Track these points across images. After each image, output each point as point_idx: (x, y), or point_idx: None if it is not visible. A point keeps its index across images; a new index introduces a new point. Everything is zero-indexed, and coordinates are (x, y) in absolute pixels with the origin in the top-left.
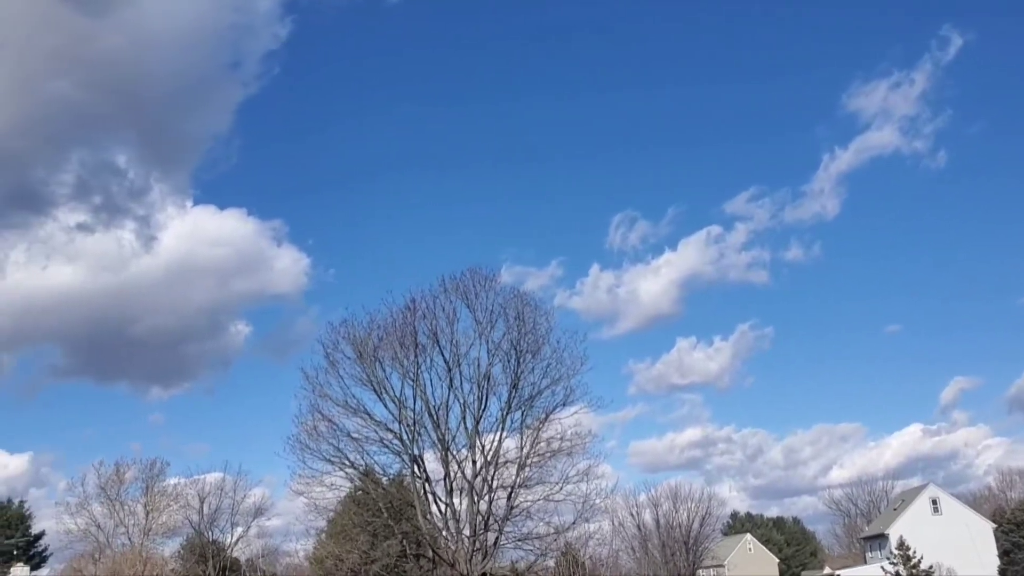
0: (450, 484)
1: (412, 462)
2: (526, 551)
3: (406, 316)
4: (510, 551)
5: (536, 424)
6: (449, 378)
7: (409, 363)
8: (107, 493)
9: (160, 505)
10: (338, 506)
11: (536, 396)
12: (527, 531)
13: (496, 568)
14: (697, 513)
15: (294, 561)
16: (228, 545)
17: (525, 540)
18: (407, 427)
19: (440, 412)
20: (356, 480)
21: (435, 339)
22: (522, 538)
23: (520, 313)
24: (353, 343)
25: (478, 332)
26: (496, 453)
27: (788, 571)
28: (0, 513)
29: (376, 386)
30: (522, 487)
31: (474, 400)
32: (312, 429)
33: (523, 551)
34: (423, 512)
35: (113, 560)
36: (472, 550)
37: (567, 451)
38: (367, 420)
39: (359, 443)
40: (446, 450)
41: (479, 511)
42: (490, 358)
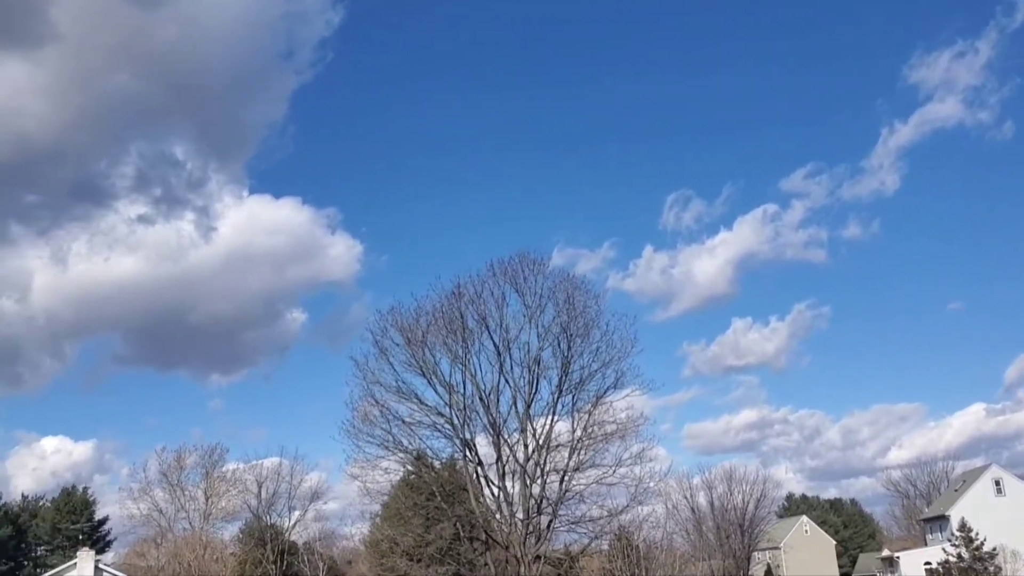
0: (502, 468)
1: (464, 446)
2: (580, 534)
3: (452, 302)
4: (564, 534)
5: (587, 408)
6: (499, 362)
7: (458, 348)
8: (168, 479)
9: (219, 490)
10: (392, 490)
11: (587, 379)
12: (580, 514)
13: (550, 551)
14: (752, 495)
15: (350, 544)
16: (286, 529)
17: (578, 523)
18: (458, 412)
19: (491, 396)
20: (409, 464)
21: (484, 324)
22: (575, 521)
23: (569, 296)
24: (401, 330)
25: (527, 316)
26: (548, 437)
27: (846, 553)
28: (66, 499)
29: (426, 371)
30: (575, 470)
31: (524, 384)
32: (365, 415)
33: (577, 534)
34: (476, 496)
35: (175, 544)
36: (526, 533)
37: (619, 434)
38: (418, 405)
39: (411, 428)
40: (498, 434)
41: (532, 494)
42: (540, 342)
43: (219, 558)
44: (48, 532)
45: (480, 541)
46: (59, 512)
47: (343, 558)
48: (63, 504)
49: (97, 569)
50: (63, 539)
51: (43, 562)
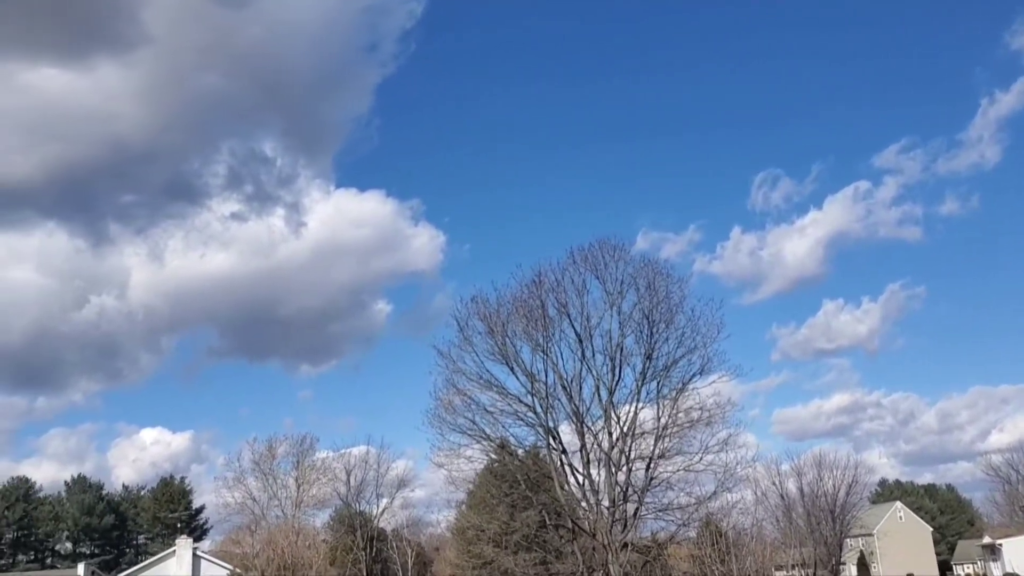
0: (587, 456)
1: (547, 434)
2: (667, 521)
3: (533, 290)
4: (651, 522)
5: (672, 394)
6: (581, 350)
7: (539, 336)
8: (261, 468)
9: (310, 478)
10: (476, 478)
11: (671, 366)
12: (667, 502)
13: (637, 539)
14: (843, 481)
15: (437, 531)
16: (374, 516)
17: (665, 511)
18: (540, 400)
19: (573, 384)
20: (492, 453)
21: (565, 312)
22: (662, 509)
23: (651, 282)
24: (483, 318)
25: (609, 303)
26: (632, 424)
27: (943, 540)
28: (164, 489)
29: (507, 360)
30: (660, 458)
31: (607, 372)
32: (448, 403)
33: (664, 521)
34: (560, 483)
35: (268, 532)
36: (612, 521)
37: (706, 421)
38: (500, 394)
39: (494, 416)
40: (581, 422)
41: (617, 482)
42: (622, 329)
43: (311, 545)
44: (148, 521)
45: (566, 529)
46: (158, 501)
47: (430, 545)
48: (162, 494)
49: (195, 556)
50: (162, 527)
51: (144, 550)
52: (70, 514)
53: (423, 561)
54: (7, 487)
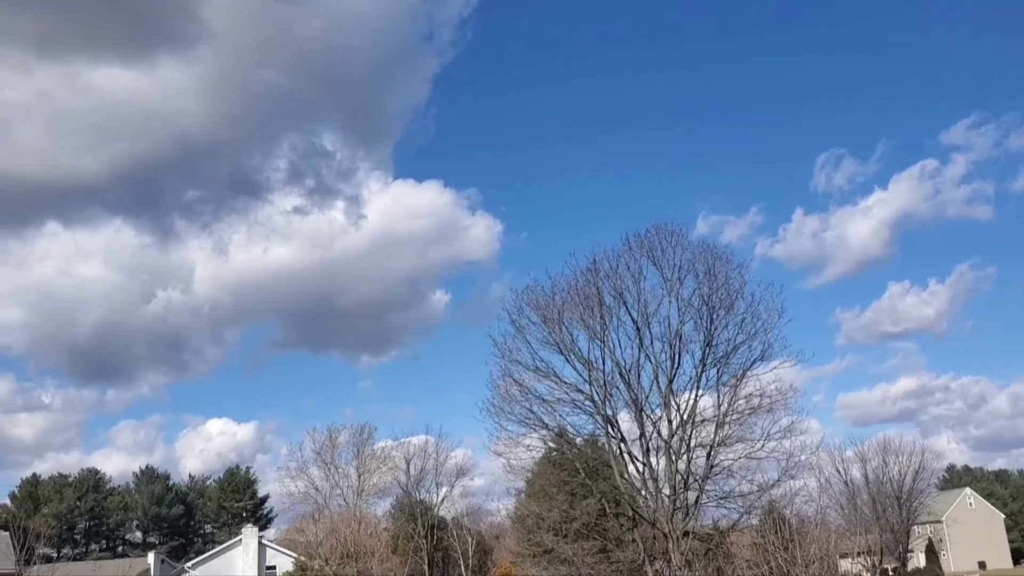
0: (646, 444)
1: (606, 423)
2: (728, 509)
3: (588, 277)
4: (712, 509)
5: (733, 381)
6: (639, 338)
7: (595, 324)
8: (322, 457)
9: (370, 467)
10: (535, 467)
11: (731, 353)
12: (728, 489)
13: (698, 527)
14: (909, 467)
15: (496, 520)
16: (434, 505)
17: (727, 499)
18: (598, 388)
19: (631, 372)
20: (551, 441)
21: (621, 299)
22: (724, 496)
23: (711, 268)
24: (537, 308)
25: (667, 289)
26: (692, 412)
27: (1016, 527)
28: (229, 479)
29: (563, 349)
30: (721, 445)
31: (666, 359)
32: (505, 393)
33: (725, 509)
34: (620, 472)
35: (331, 520)
36: (673, 509)
37: (767, 408)
38: (557, 383)
39: (551, 405)
40: (640, 410)
41: (678, 470)
42: (681, 316)
43: (373, 533)
44: (214, 510)
45: (626, 517)
46: (223, 491)
47: (491, 533)
48: (227, 483)
49: (261, 545)
50: (228, 516)
51: (211, 538)
52: (139, 504)
53: (483, 549)
54: (79, 478)
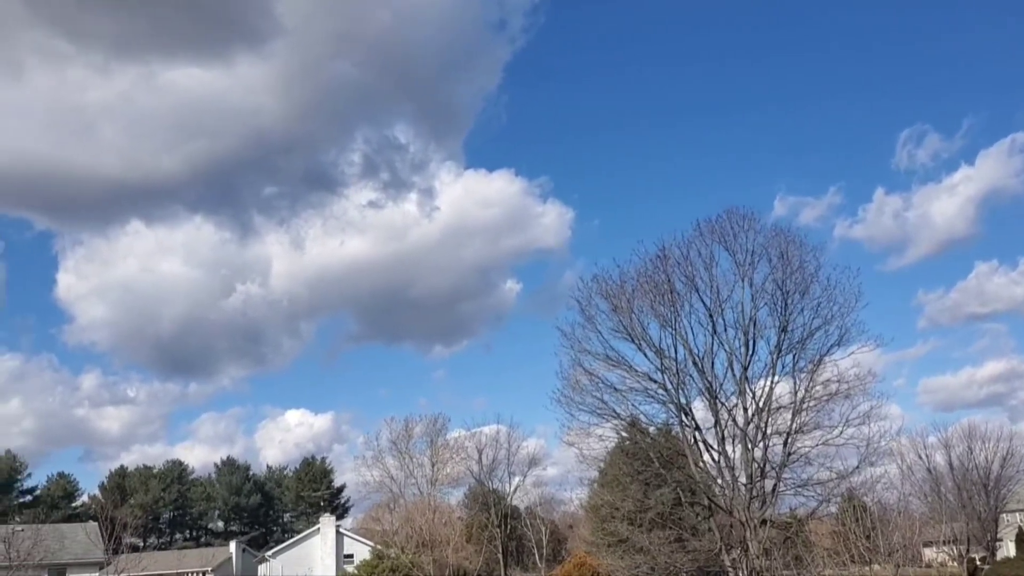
0: (721, 432)
1: (679, 411)
2: (807, 497)
3: (658, 264)
4: (789, 498)
5: (809, 367)
6: (711, 324)
7: (666, 312)
8: (397, 447)
9: (444, 457)
10: (608, 456)
11: (807, 338)
12: (806, 477)
13: (775, 515)
14: (996, 454)
15: (570, 509)
16: (507, 494)
17: (805, 486)
18: (670, 376)
19: (704, 359)
20: (623, 431)
21: (692, 285)
22: (801, 484)
23: (784, 252)
24: (606, 296)
25: (740, 275)
26: (768, 399)
27: None
28: (306, 469)
29: (634, 337)
30: (798, 432)
31: (740, 346)
32: (575, 383)
33: (803, 497)
34: (695, 460)
35: (406, 509)
36: (749, 498)
37: (845, 393)
38: (628, 372)
39: (623, 394)
40: (714, 398)
41: (754, 458)
42: (754, 301)
43: (447, 522)
44: (292, 500)
45: (702, 506)
46: (300, 481)
47: (564, 523)
48: (304, 473)
49: (338, 534)
50: (306, 506)
51: (289, 527)
52: (220, 494)
53: (557, 539)
54: (163, 470)
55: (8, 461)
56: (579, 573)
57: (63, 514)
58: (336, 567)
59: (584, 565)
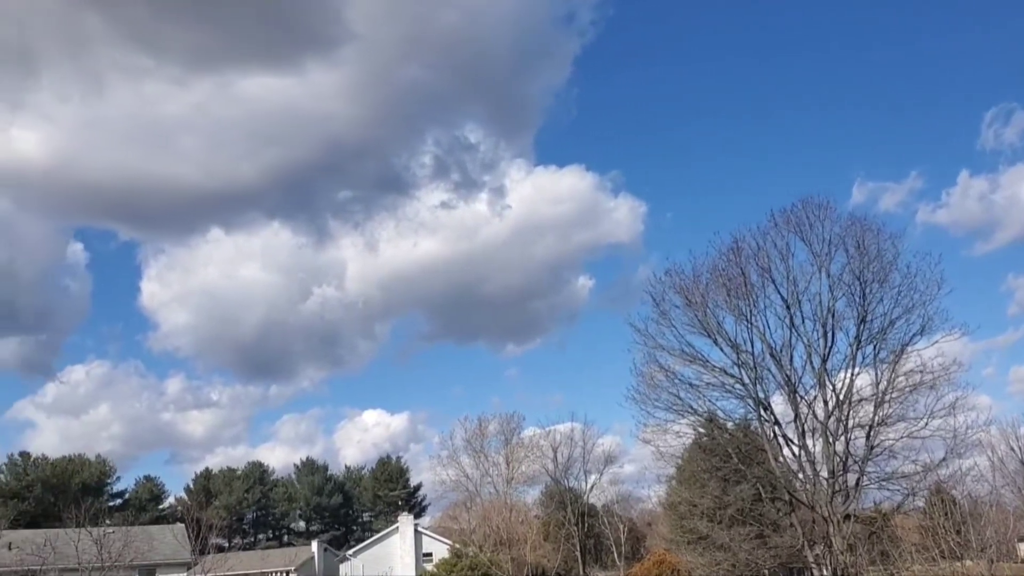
0: (801, 426)
1: (757, 406)
2: (891, 491)
3: (732, 257)
4: (873, 491)
5: (891, 358)
6: (788, 317)
7: (742, 305)
8: (472, 446)
9: (518, 456)
10: (685, 453)
11: (888, 328)
12: (891, 470)
13: (859, 510)
14: None
15: (647, 507)
16: (584, 492)
17: (889, 480)
18: (748, 371)
19: (782, 353)
20: (700, 427)
21: (768, 277)
22: (886, 478)
23: (861, 241)
24: (680, 291)
25: (816, 266)
26: (849, 391)
27: None
28: (383, 468)
29: (709, 332)
30: (881, 425)
31: (818, 338)
32: (650, 380)
33: (888, 491)
34: (775, 455)
35: (483, 508)
36: (832, 492)
37: (929, 384)
38: (704, 367)
39: (699, 390)
40: (793, 391)
41: (836, 452)
42: (832, 292)
43: (524, 520)
44: (370, 499)
45: (783, 501)
46: (378, 480)
47: (642, 520)
48: (380, 473)
49: (416, 532)
50: (383, 505)
51: (368, 526)
52: (302, 494)
53: (636, 536)
54: (246, 471)
55: (98, 465)
56: (658, 571)
57: (151, 516)
58: (415, 566)
59: (663, 563)
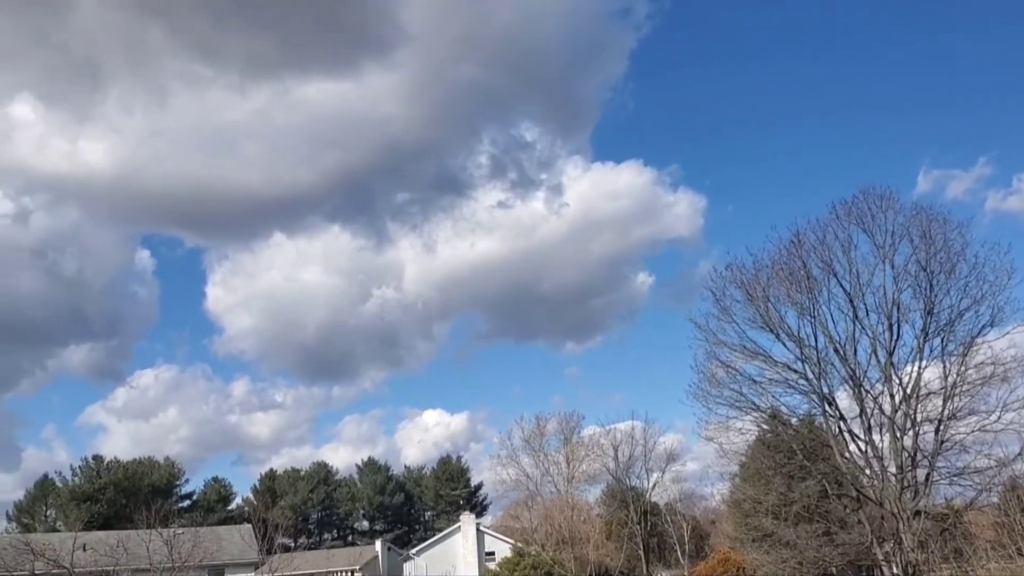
0: (867, 421)
1: (822, 401)
2: (963, 487)
3: (792, 250)
4: (944, 487)
5: (960, 350)
6: (852, 310)
7: (804, 299)
8: (531, 445)
9: (579, 455)
10: (748, 450)
11: (956, 320)
12: (963, 466)
13: (930, 506)
14: None
15: (711, 504)
16: (646, 491)
17: (961, 475)
18: (811, 366)
19: (847, 347)
20: (764, 423)
21: (830, 270)
22: (957, 473)
23: (926, 231)
24: (741, 286)
25: (880, 257)
26: (916, 385)
27: None
28: (444, 468)
29: (771, 327)
30: (951, 419)
31: (883, 331)
32: (711, 376)
33: (960, 487)
34: (840, 451)
35: (544, 507)
36: (901, 488)
37: (1001, 376)
38: (767, 362)
39: (761, 386)
40: (858, 386)
41: (904, 447)
42: (897, 284)
43: (586, 519)
44: (431, 498)
45: (850, 498)
46: (439, 479)
47: (706, 518)
48: (441, 472)
49: (479, 531)
50: (445, 504)
51: (430, 525)
52: (364, 494)
53: (699, 534)
54: (310, 471)
55: (167, 468)
56: (723, 569)
57: (219, 517)
58: (478, 564)
59: (728, 561)
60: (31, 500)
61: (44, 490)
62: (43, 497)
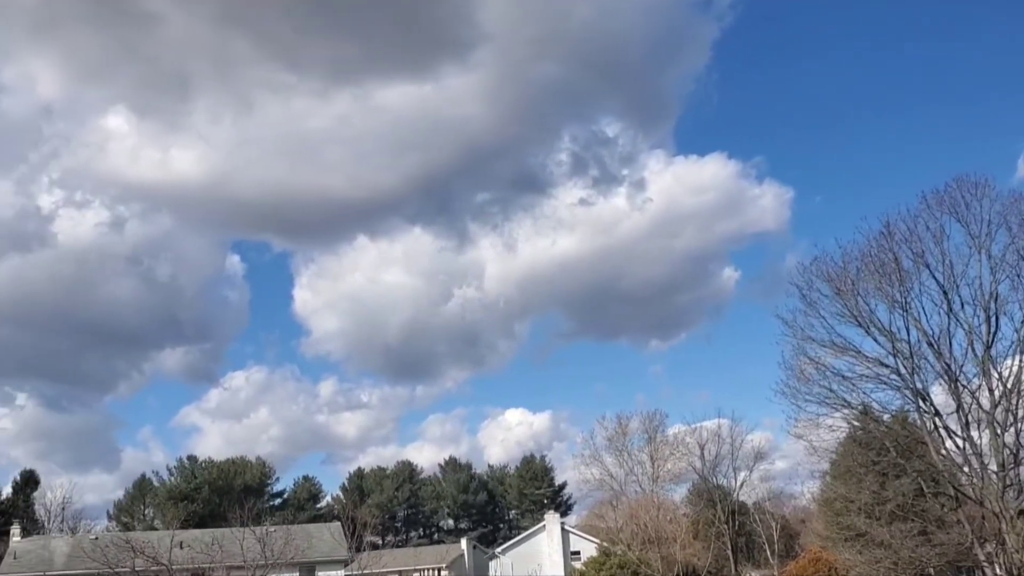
0: (964, 417)
1: (916, 397)
2: None
3: (882, 242)
4: None
5: None
6: (946, 302)
7: (895, 292)
8: (614, 444)
9: (663, 454)
10: (839, 447)
11: None
12: None
13: None
14: None
15: (801, 503)
16: (733, 489)
17: None
18: (904, 360)
19: (941, 340)
20: (854, 420)
21: (922, 262)
22: None
23: None
24: (829, 280)
25: (975, 247)
26: (1018, 379)
27: None
28: (527, 467)
29: (861, 321)
30: None
31: (980, 324)
32: (800, 373)
33: None
34: (936, 449)
35: (629, 506)
36: (1003, 487)
37: None
38: (857, 358)
39: (851, 382)
40: (954, 381)
41: (1005, 444)
42: (994, 275)
43: (673, 519)
44: (515, 497)
45: (947, 496)
46: (522, 479)
47: (795, 517)
48: (525, 471)
49: (563, 531)
50: (528, 503)
51: (514, 524)
52: (448, 493)
53: (789, 534)
54: (396, 470)
55: (259, 467)
56: (814, 569)
57: (309, 515)
58: (563, 564)
59: (819, 560)
60: (130, 499)
61: (142, 490)
62: (141, 496)
